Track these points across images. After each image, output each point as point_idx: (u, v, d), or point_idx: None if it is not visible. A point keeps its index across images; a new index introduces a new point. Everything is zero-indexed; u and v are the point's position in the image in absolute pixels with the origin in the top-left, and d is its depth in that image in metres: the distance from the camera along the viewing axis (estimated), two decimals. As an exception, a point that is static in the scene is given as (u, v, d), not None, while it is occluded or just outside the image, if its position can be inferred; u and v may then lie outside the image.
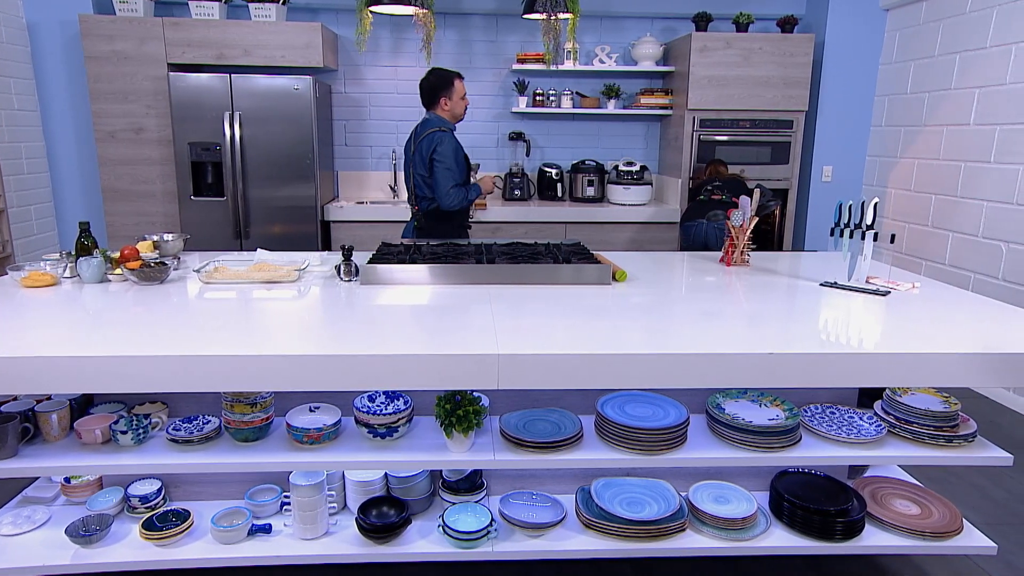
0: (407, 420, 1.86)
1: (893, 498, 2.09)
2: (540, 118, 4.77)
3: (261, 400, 1.82)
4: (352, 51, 4.53)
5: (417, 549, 1.87)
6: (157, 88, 4.01)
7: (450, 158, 2.99)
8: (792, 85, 4.32)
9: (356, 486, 2.00)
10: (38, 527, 1.95)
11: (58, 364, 1.52)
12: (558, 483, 2.12)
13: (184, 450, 1.80)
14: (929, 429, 1.88)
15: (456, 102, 3.11)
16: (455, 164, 3.01)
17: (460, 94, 3.11)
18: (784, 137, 4.41)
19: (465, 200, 3.07)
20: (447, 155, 2.99)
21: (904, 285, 2.26)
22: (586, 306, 1.98)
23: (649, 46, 4.48)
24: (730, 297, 2.11)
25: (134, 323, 1.77)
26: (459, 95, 3.10)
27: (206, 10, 4.02)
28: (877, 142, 4.49)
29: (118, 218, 4.18)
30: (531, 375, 1.58)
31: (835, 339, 1.70)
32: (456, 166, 3.02)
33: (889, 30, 4.36)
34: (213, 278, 2.23)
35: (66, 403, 1.86)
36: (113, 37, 3.93)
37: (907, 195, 4.20)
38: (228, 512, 1.93)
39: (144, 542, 1.86)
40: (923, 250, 4.06)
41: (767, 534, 1.91)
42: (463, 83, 3.12)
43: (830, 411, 2.03)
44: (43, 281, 2.14)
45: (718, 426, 1.88)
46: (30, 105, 4.14)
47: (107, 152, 4.08)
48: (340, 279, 2.28)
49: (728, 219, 2.56)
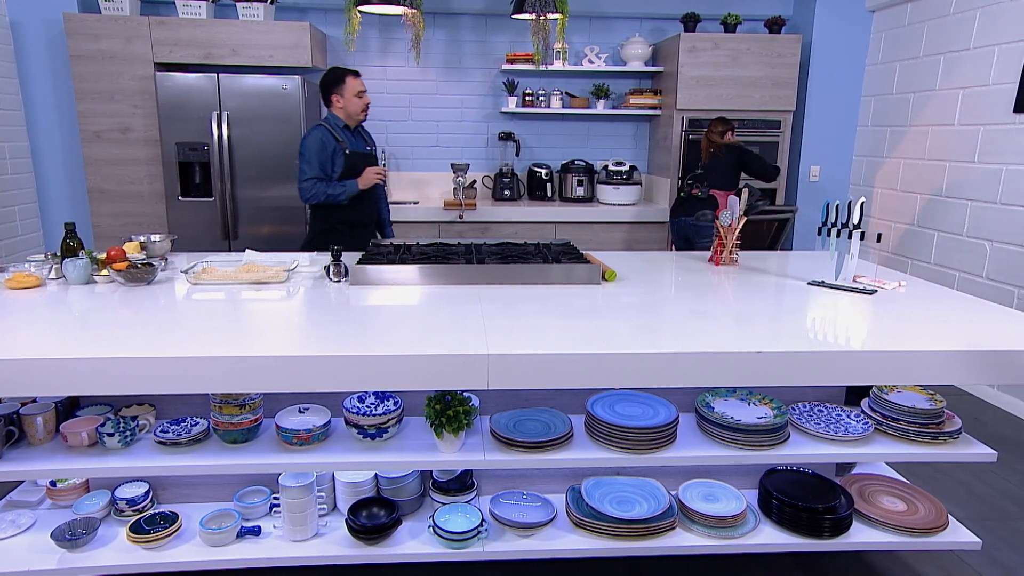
0: (397, 421, 1.86)
1: (880, 495, 2.11)
2: (529, 118, 4.77)
3: (250, 401, 1.81)
4: (341, 51, 4.51)
5: (407, 550, 1.87)
6: (144, 88, 3.98)
7: (310, 151, 2.97)
8: (780, 85, 4.35)
9: (346, 487, 2.00)
10: (23, 531, 1.93)
11: (43, 366, 1.50)
12: (548, 483, 2.13)
13: (172, 452, 1.78)
14: (915, 426, 1.90)
15: (350, 100, 3.02)
16: (314, 157, 2.97)
17: (354, 91, 3.02)
18: (772, 137, 4.44)
19: (325, 196, 2.98)
20: (307, 148, 2.97)
21: (890, 284, 2.28)
22: (576, 306, 1.98)
23: (638, 46, 4.49)
24: (719, 296, 2.12)
25: (121, 324, 1.76)
26: (352, 92, 3.01)
27: (193, 9, 3.99)
28: (864, 142, 4.53)
29: (104, 219, 4.14)
30: (520, 375, 1.58)
31: (822, 338, 1.71)
32: (316, 160, 2.97)
33: (875, 31, 4.40)
34: (201, 279, 2.22)
35: (51, 406, 1.84)
36: (99, 36, 3.90)
37: (893, 194, 4.24)
38: (217, 514, 1.92)
39: (131, 545, 1.84)
40: (909, 249, 4.10)
41: (756, 532, 1.92)
42: (359, 80, 3.03)
43: (818, 409, 2.05)
44: (28, 283, 2.12)
45: (707, 425, 1.90)
46: (14, 105, 4.10)
47: (93, 152, 4.04)
48: (329, 280, 2.27)
49: (716, 219, 2.57)
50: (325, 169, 3.02)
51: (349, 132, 3.11)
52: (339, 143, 3.02)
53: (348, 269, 2.25)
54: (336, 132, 3.04)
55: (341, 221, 3.10)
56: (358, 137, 3.18)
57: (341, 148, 3.02)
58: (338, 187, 3.01)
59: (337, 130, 3.05)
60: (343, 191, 3.01)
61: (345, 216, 3.10)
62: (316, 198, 3.00)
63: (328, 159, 3.01)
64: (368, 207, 3.20)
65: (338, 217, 3.10)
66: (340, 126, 3.07)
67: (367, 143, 3.24)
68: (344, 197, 3.02)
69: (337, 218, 3.10)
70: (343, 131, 3.07)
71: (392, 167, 4.76)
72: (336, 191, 3.01)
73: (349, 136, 3.10)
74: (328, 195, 3.00)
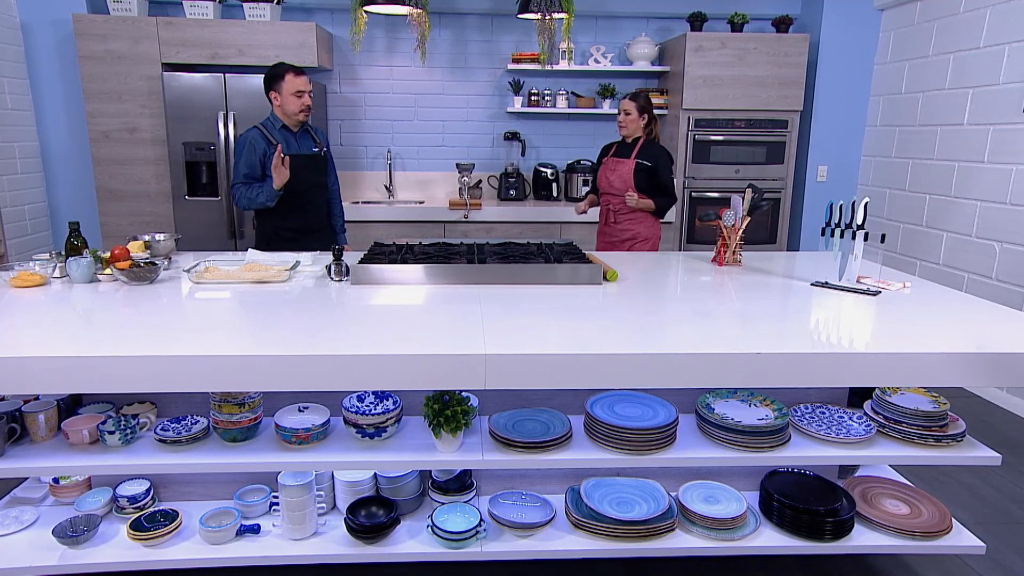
0: (396, 420, 1.86)
1: (883, 498, 2.09)
2: (535, 118, 4.77)
3: (249, 400, 1.81)
4: (347, 51, 4.53)
5: (406, 549, 1.87)
6: (151, 88, 4.01)
7: (237, 153, 2.84)
8: (787, 85, 4.32)
9: (345, 486, 2.00)
10: (26, 528, 1.94)
11: (45, 364, 1.51)
12: (548, 483, 2.12)
13: (172, 450, 1.79)
14: (918, 429, 1.88)
15: (287, 98, 2.81)
16: (241, 160, 2.83)
17: (292, 90, 2.80)
18: (779, 137, 4.41)
19: (248, 201, 2.81)
20: (237, 150, 2.85)
21: (895, 285, 2.26)
22: (576, 306, 1.98)
23: (644, 46, 4.48)
24: (721, 297, 2.11)
25: (123, 323, 1.77)
26: (290, 91, 2.80)
27: (200, 10, 4.01)
28: (872, 142, 4.49)
29: (112, 218, 4.17)
30: (518, 375, 1.57)
31: (825, 339, 1.70)
32: (243, 163, 2.82)
33: (884, 30, 4.36)
34: (203, 278, 2.23)
35: (53, 403, 1.85)
36: (107, 37, 3.93)
37: (901, 195, 4.20)
38: (217, 512, 1.93)
39: (132, 542, 1.85)
40: (917, 250, 4.06)
41: (757, 534, 1.91)
42: (300, 79, 2.81)
43: (820, 411, 2.03)
44: (32, 281, 2.14)
45: (707, 426, 1.88)
46: (24, 105, 4.14)
47: (101, 152, 4.08)
48: (331, 279, 2.27)
49: (720, 218, 2.56)
50: (253, 173, 2.84)
51: (289, 133, 2.91)
52: (272, 145, 2.82)
53: (349, 268, 2.25)
54: (271, 133, 2.86)
55: (283, 227, 2.94)
56: (304, 138, 2.97)
57: (275, 151, 2.78)
58: (256, 190, 2.82)
59: (273, 131, 2.87)
60: (260, 193, 2.81)
61: (284, 222, 2.93)
62: (242, 203, 2.85)
63: (256, 162, 2.83)
64: (313, 213, 3.01)
65: (278, 223, 2.93)
66: (277, 127, 2.88)
67: (315, 144, 3.02)
68: (266, 200, 2.81)
69: (277, 224, 2.93)
70: (280, 132, 2.88)
71: (397, 167, 4.77)
72: (254, 194, 2.82)
73: (288, 137, 2.90)
74: (249, 200, 2.82)
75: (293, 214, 2.94)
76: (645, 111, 3.30)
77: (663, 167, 3.28)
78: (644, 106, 3.29)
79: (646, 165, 3.27)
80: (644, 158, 3.28)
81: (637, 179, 3.29)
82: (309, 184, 2.95)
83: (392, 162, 4.73)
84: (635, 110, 3.28)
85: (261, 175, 2.86)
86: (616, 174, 3.34)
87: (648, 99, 3.33)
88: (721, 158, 4.41)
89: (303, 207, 2.96)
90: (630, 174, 3.29)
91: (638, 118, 3.29)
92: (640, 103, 3.29)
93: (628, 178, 3.30)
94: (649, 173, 3.28)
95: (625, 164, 3.31)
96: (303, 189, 2.91)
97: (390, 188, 4.75)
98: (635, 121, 3.29)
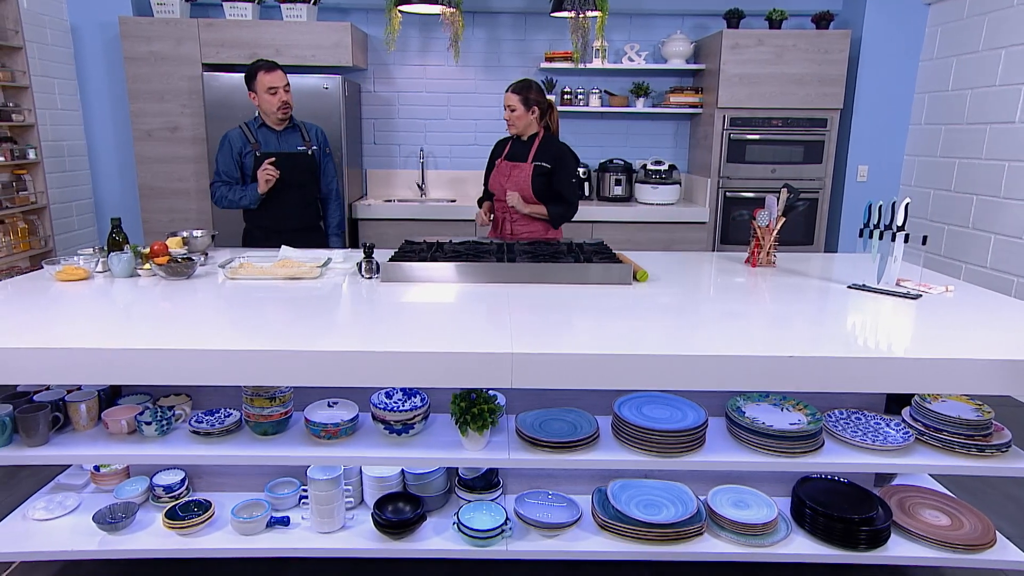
0: (423, 417, 1.87)
1: (922, 508, 2.02)
2: (568, 117, 4.74)
3: (280, 395, 1.84)
4: (381, 50, 4.57)
5: (432, 546, 1.88)
6: (192, 87, 4.11)
7: (216, 152, 2.84)
8: (827, 83, 4.21)
9: (373, 482, 2.02)
10: (68, 512, 2.01)
11: (87, 356, 1.56)
12: (574, 483, 2.11)
13: (206, 442, 1.83)
14: (960, 438, 1.81)
15: (262, 96, 2.78)
16: (218, 159, 2.85)
17: (264, 87, 2.75)
18: (817, 136, 4.31)
19: (227, 201, 2.84)
20: (217, 150, 2.84)
21: (937, 288, 2.18)
22: (605, 306, 1.96)
23: (679, 44, 4.42)
24: (753, 298, 2.07)
25: (160, 317, 1.81)
26: (263, 88, 2.76)
27: (239, 11, 4.10)
28: (916, 141, 4.36)
29: (153, 214, 4.29)
30: (545, 375, 1.57)
31: (861, 343, 1.65)
32: (220, 162, 2.84)
33: (931, 25, 4.22)
34: (238, 274, 2.27)
35: (95, 394, 1.91)
36: (151, 38, 4.04)
37: (946, 195, 4.06)
38: (248, 504, 1.97)
39: (167, 531, 1.90)
40: (963, 253, 3.92)
41: (788, 541, 1.87)
42: (274, 75, 2.76)
43: (855, 417, 1.98)
44: (76, 275, 2.21)
45: (737, 429, 1.85)
46: (72, 105, 4.28)
47: (144, 150, 4.19)
48: (361, 276, 2.30)
49: (754, 219, 2.51)
50: (230, 172, 2.84)
51: (270, 131, 2.88)
52: (251, 144, 2.82)
53: (380, 266, 2.27)
54: (251, 132, 2.85)
55: (257, 225, 2.94)
56: (289, 136, 2.92)
57: (252, 150, 2.80)
58: (238, 192, 2.83)
59: (252, 130, 2.85)
60: (243, 195, 2.82)
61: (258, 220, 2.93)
62: (221, 203, 2.85)
63: (233, 161, 2.83)
64: (291, 213, 2.94)
65: (253, 221, 2.94)
66: (257, 125, 2.87)
67: (303, 142, 2.94)
68: (249, 203, 2.82)
69: (251, 222, 2.94)
70: (261, 130, 2.86)
71: (430, 165, 4.80)
72: (236, 196, 2.83)
73: (269, 136, 2.87)
74: (230, 200, 2.83)
75: (268, 213, 2.89)
76: (534, 104, 2.79)
77: (562, 169, 2.83)
78: (531, 98, 2.78)
79: (546, 168, 2.82)
80: (543, 159, 2.81)
81: (536, 184, 2.82)
82: (288, 183, 2.87)
83: (425, 161, 4.76)
84: (520, 104, 2.78)
85: (241, 176, 2.86)
86: (511, 180, 2.86)
87: (537, 88, 2.81)
88: (756, 157, 4.32)
89: (279, 206, 2.89)
90: (528, 180, 2.82)
91: (525, 113, 2.79)
92: (525, 95, 2.77)
93: (525, 184, 2.82)
94: (549, 177, 2.83)
95: (522, 169, 2.84)
96: (279, 189, 2.85)
97: (422, 186, 4.78)
98: (522, 117, 2.80)
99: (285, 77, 2.82)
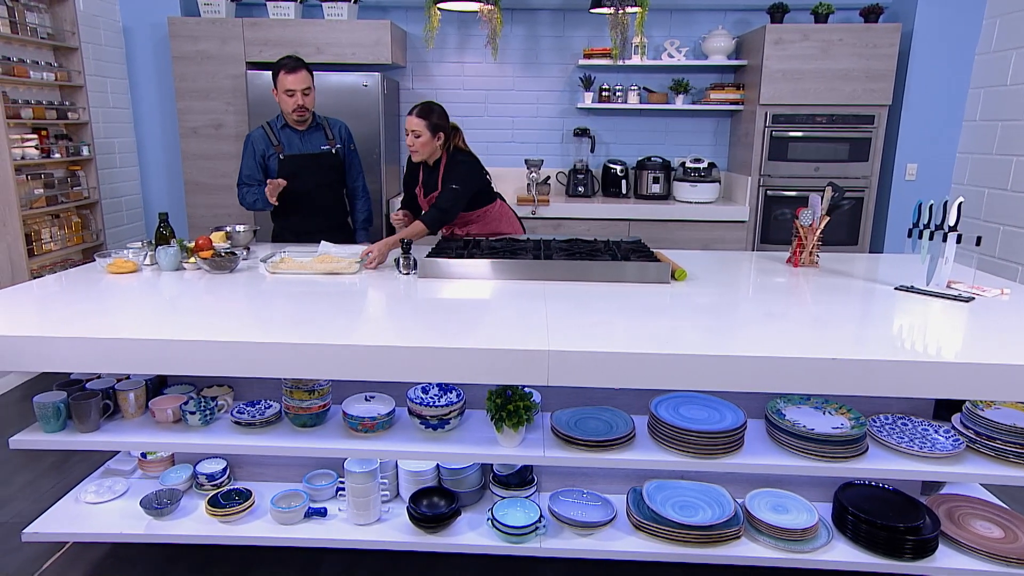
0: (459, 413, 1.88)
1: (972, 518, 1.95)
2: (605, 114, 4.71)
3: (319, 388, 1.87)
4: (420, 48, 4.60)
5: (466, 541, 1.89)
6: (236, 86, 4.20)
7: (242, 154, 2.83)
8: (875, 78, 4.09)
9: (408, 476, 2.04)
10: (117, 497, 2.08)
11: (136, 346, 1.62)
12: (609, 482, 2.10)
13: (247, 432, 1.87)
14: (1014, 446, 1.74)
15: (280, 97, 2.74)
16: (242, 160, 2.83)
17: (283, 88, 2.71)
18: (864, 133, 4.18)
19: (248, 204, 2.82)
20: (242, 151, 2.83)
21: (991, 291, 2.10)
22: (643, 304, 1.94)
23: (721, 39, 4.34)
24: (795, 299, 2.02)
25: (204, 310, 1.86)
26: (282, 88, 2.72)
27: (282, 10, 4.17)
28: (969, 138, 4.19)
29: (198, 210, 4.40)
30: (581, 373, 1.56)
31: (908, 346, 1.60)
32: (243, 163, 2.82)
33: (988, 17, 4.05)
34: (279, 268, 2.32)
35: (142, 383, 1.97)
36: (198, 38, 4.14)
37: (1003, 195, 3.90)
38: (287, 494, 2.01)
39: (209, 518, 1.96)
40: (1020, 254, 3.76)
41: (828, 547, 1.82)
42: (294, 77, 2.70)
43: (902, 422, 1.92)
44: (126, 268, 2.29)
45: (777, 432, 1.81)
46: (123, 103, 4.43)
47: (190, 147, 4.31)
48: (399, 272, 2.32)
49: (797, 218, 2.45)
50: (253, 175, 2.82)
51: (293, 132, 2.84)
52: (274, 147, 2.80)
53: (417, 262, 2.29)
54: (273, 133, 2.82)
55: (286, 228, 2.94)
56: (313, 135, 2.87)
57: (275, 152, 2.78)
58: (254, 195, 2.80)
59: (275, 130, 2.83)
60: (257, 199, 2.80)
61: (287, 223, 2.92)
62: (244, 203, 2.85)
63: (256, 164, 2.81)
64: (320, 215, 2.93)
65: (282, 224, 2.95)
66: (280, 125, 2.83)
67: (327, 141, 2.89)
68: (263, 207, 2.81)
69: (281, 225, 2.95)
70: (284, 131, 2.83)
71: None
72: (252, 200, 2.81)
73: (291, 136, 2.84)
74: (249, 203, 2.82)
75: (296, 216, 2.89)
76: (439, 129, 2.61)
77: (452, 174, 2.64)
78: (436, 123, 2.60)
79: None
80: (452, 182, 2.63)
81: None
82: (313, 184, 2.86)
83: (462, 158, 4.77)
84: (426, 130, 2.58)
85: (265, 177, 2.83)
86: None
87: (440, 112, 2.62)
88: (800, 155, 4.22)
89: (307, 209, 2.88)
90: None
91: (431, 139, 2.60)
92: (431, 121, 2.58)
93: None
94: None
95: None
96: (306, 190, 2.83)
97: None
98: (427, 143, 2.61)
99: (308, 79, 2.75)
